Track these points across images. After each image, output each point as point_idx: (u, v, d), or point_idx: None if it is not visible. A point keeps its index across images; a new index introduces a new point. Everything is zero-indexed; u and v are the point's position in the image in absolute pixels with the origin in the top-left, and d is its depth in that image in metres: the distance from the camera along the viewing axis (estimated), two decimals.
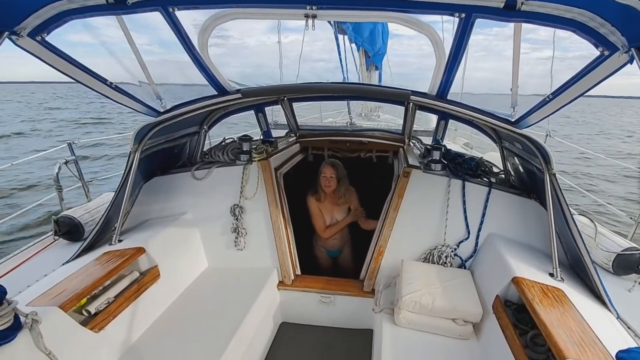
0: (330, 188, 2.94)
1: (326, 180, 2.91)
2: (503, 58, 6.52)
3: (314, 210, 3.01)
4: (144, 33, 2.39)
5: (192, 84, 2.40)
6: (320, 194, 2.99)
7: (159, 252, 2.21)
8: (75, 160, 3.08)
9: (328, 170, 2.92)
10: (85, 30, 1.60)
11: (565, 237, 2.05)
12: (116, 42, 1.80)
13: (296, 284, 2.60)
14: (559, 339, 1.42)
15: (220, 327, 2.01)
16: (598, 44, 1.27)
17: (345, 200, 3.04)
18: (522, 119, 1.92)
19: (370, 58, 6.43)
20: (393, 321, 2.02)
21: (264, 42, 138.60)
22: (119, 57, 1.84)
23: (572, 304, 1.70)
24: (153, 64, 2.02)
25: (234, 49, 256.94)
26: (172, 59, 1.81)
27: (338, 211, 3.07)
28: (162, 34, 1.63)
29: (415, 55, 63.72)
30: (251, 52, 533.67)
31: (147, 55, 1.93)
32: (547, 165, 1.97)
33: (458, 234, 2.44)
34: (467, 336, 1.93)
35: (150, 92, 2.09)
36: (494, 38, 65.72)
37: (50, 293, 1.70)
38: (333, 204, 3.05)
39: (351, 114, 6.45)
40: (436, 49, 1.64)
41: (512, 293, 1.89)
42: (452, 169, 2.61)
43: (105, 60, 1.79)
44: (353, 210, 3.07)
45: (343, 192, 3.00)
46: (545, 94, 1.67)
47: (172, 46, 1.69)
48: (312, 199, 3.02)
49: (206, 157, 2.96)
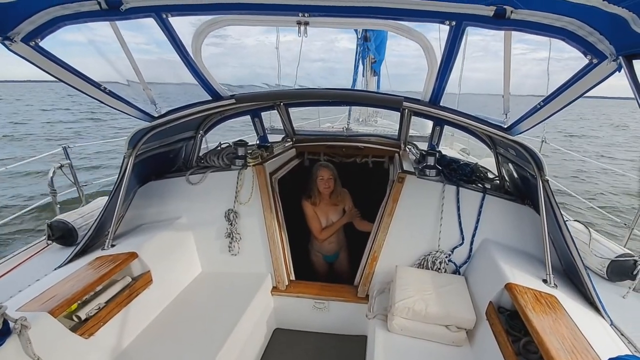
0: (330, 189, 2.95)
1: (324, 183, 2.92)
2: (500, 59, 6.54)
3: (309, 213, 3.01)
4: (138, 32, 2.39)
5: (185, 82, 2.40)
6: (315, 198, 3.00)
7: (151, 257, 2.20)
8: (70, 164, 3.07)
9: (325, 172, 2.94)
10: (79, 32, 1.61)
11: (559, 243, 2.05)
12: (110, 47, 1.80)
13: (290, 290, 2.59)
14: (551, 346, 1.41)
15: (213, 333, 1.99)
16: (587, 52, 1.29)
17: (341, 199, 3.06)
18: (514, 125, 1.93)
19: (373, 64, 6.59)
20: (386, 327, 2.00)
21: (262, 41, 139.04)
22: (112, 62, 1.85)
23: (565, 311, 1.69)
24: (148, 65, 2.02)
25: (232, 49, 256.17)
26: (167, 58, 1.81)
27: (333, 213, 3.08)
28: (156, 35, 1.63)
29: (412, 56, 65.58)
30: (249, 52, 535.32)
31: (141, 55, 1.94)
32: (540, 172, 1.98)
33: (452, 239, 2.43)
34: (460, 343, 1.92)
35: (144, 97, 2.09)
36: (492, 39, 68.83)
37: (40, 298, 1.69)
38: (328, 205, 3.05)
39: (350, 118, 6.50)
40: (428, 56, 1.65)
41: (505, 299, 1.88)
42: (446, 175, 2.62)
43: (99, 64, 1.79)
44: (348, 210, 3.08)
45: (339, 192, 3.03)
46: (541, 95, 1.68)
47: (166, 46, 1.70)
48: (307, 202, 3.02)
49: (201, 161, 2.96)
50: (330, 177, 2.94)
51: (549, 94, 1.58)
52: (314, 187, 2.98)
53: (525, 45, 36.31)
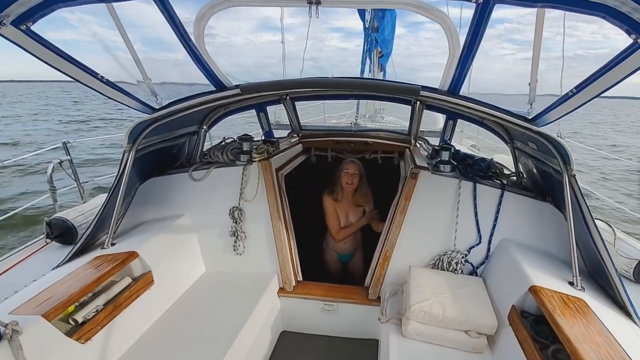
0: (353, 186, 2.83)
1: (349, 177, 2.80)
2: (503, 60, 6.08)
3: (329, 210, 2.89)
4: (138, 27, 2.30)
5: (192, 83, 2.31)
6: (338, 194, 2.88)
7: (153, 256, 2.10)
8: (70, 160, 2.98)
9: (351, 167, 2.83)
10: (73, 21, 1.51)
11: (585, 242, 1.92)
12: (107, 35, 1.70)
13: (298, 291, 2.48)
14: (586, 356, 1.29)
15: (217, 336, 1.89)
16: (631, 31, 1.15)
17: (364, 201, 2.94)
18: (539, 116, 1.80)
19: (380, 58, 6.39)
20: (401, 332, 1.89)
21: (251, 40, 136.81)
22: (111, 51, 1.75)
23: (595, 316, 1.57)
24: (148, 61, 1.92)
25: (220, 48, 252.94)
26: (168, 57, 1.72)
27: (353, 213, 2.95)
28: (158, 30, 1.54)
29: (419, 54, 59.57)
30: (238, 51, 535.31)
31: (141, 52, 1.84)
32: (566, 166, 1.85)
33: (469, 238, 2.31)
34: (480, 349, 1.79)
35: (144, 88, 1.99)
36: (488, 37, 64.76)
37: (35, 300, 1.59)
38: (350, 205, 2.93)
39: (358, 113, 6.34)
40: (450, 38, 1.52)
41: (529, 303, 1.76)
42: (461, 171, 2.49)
43: (96, 53, 1.69)
44: (368, 212, 2.95)
45: (364, 192, 2.90)
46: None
47: (166, 44, 1.60)
48: (328, 198, 2.90)
49: (205, 157, 2.86)
50: (356, 172, 2.82)
51: (582, 81, 1.44)
52: (338, 182, 2.87)
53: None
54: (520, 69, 2.40)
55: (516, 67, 33.67)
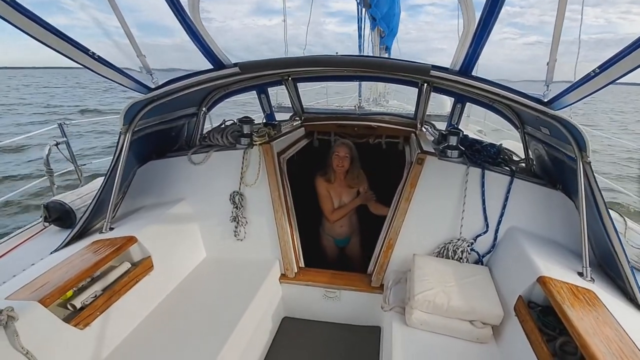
0: (343, 168, 2.77)
1: (339, 160, 2.75)
2: (513, 46, 5.84)
3: (322, 192, 2.85)
4: (133, 10, 2.19)
5: (190, 69, 2.20)
6: (330, 175, 2.83)
7: (152, 241, 2.06)
8: (67, 142, 2.91)
9: (342, 149, 2.77)
10: None
11: (595, 232, 1.86)
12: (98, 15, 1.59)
13: (299, 277, 2.45)
14: (596, 349, 1.25)
15: (218, 322, 1.87)
16: None
17: (357, 182, 2.88)
18: (556, 99, 1.69)
19: (382, 38, 6.08)
20: (404, 321, 1.86)
21: (247, 25, 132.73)
22: (102, 27, 1.64)
23: (605, 308, 1.52)
24: (144, 46, 1.81)
25: (217, 32, 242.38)
26: (165, 42, 1.62)
27: (347, 194, 2.91)
28: (151, 14, 1.43)
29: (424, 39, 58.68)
30: (234, 35, 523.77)
31: (137, 37, 1.73)
32: (582, 153, 1.76)
33: (475, 227, 2.25)
34: (485, 340, 1.76)
35: (139, 65, 1.89)
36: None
37: (32, 285, 1.56)
38: (343, 187, 2.88)
39: (361, 95, 6.14)
40: (465, 10, 1.40)
41: (537, 294, 1.71)
42: (469, 156, 2.40)
43: (86, 30, 1.59)
44: (362, 192, 2.90)
45: (356, 174, 2.84)
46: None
47: (162, 27, 1.50)
48: (321, 179, 2.85)
49: (205, 140, 2.77)
50: (346, 155, 2.76)
51: (606, 60, 1.34)
52: (330, 164, 2.81)
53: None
54: (521, 55, 2.27)
55: (516, 53, 32.48)
